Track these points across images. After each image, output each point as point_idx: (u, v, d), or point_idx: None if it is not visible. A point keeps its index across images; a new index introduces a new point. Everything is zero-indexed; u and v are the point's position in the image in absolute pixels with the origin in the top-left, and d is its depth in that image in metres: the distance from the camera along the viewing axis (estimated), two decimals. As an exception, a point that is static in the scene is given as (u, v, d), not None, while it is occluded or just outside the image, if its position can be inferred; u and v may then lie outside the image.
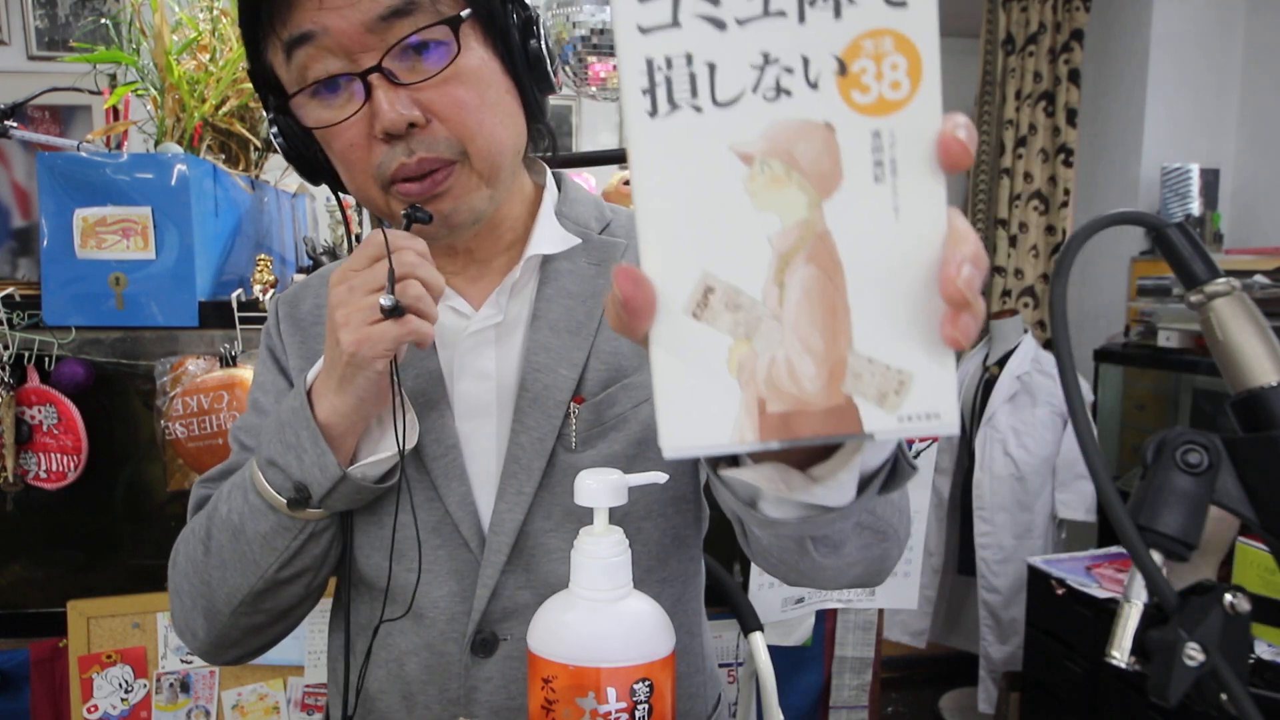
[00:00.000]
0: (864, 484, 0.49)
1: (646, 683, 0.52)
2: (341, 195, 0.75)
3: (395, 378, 0.65)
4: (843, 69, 0.33)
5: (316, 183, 0.72)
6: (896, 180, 0.34)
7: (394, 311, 0.59)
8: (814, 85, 0.34)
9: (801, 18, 0.33)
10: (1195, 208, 2.90)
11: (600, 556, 0.54)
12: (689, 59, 0.34)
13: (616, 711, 0.51)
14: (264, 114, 1.40)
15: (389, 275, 0.60)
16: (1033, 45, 3.20)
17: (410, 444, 0.68)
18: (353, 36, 0.60)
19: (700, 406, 0.36)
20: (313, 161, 0.70)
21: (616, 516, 0.70)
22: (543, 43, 0.68)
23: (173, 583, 0.73)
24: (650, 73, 0.34)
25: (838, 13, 0.33)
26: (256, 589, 0.68)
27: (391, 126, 0.61)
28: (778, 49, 0.33)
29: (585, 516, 0.70)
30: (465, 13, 0.62)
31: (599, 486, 0.55)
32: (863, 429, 0.35)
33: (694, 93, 0.34)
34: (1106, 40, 3.16)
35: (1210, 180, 2.93)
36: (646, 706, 0.52)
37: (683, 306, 0.35)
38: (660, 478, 0.58)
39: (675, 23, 0.33)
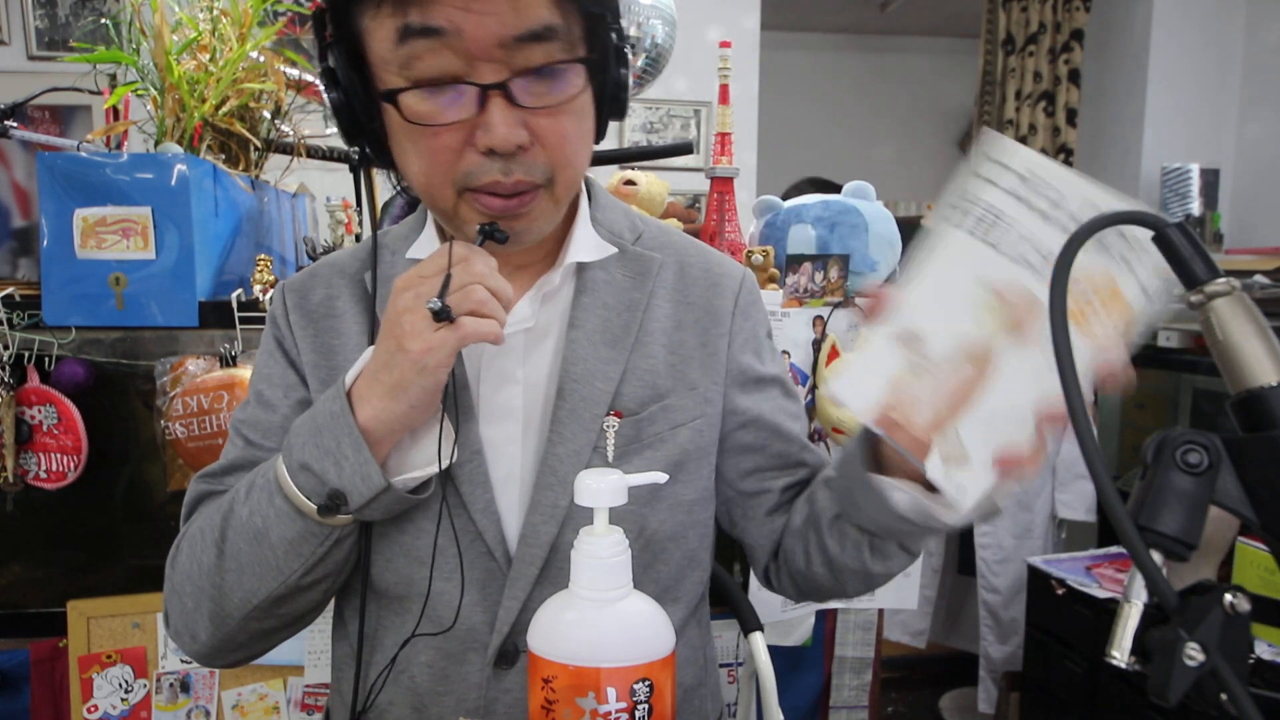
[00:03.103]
0: None
1: (646, 683, 0.52)
2: (367, 169, 0.75)
3: (452, 389, 0.65)
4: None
5: (354, 144, 0.68)
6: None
7: (441, 314, 0.59)
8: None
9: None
10: (1195, 208, 2.90)
11: (600, 556, 0.54)
12: (999, 215, 0.53)
13: (616, 711, 0.51)
14: (265, 114, 1.40)
15: (444, 282, 0.60)
16: (1033, 45, 3.20)
17: (454, 458, 0.67)
18: (483, 46, 0.58)
19: (862, 384, 0.57)
20: (363, 124, 0.66)
21: (646, 535, 0.73)
22: (630, 73, 0.68)
23: (171, 583, 0.71)
24: (976, 207, 0.53)
25: (1102, 252, 0.49)
26: (276, 594, 0.67)
27: (503, 146, 0.60)
28: (1049, 245, 0.51)
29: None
30: (594, 53, 0.63)
31: (599, 486, 0.55)
32: (922, 462, 0.57)
33: (987, 232, 0.53)
34: (1106, 40, 3.16)
35: (1210, 180, 2.93)
36: (646, 706, 0.52)
37: (896, 332, 0.56)
38: (661, 478, 0.59)
39: (1010, 192, 0.52)
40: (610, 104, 0.68)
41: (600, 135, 0.71)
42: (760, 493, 0.80)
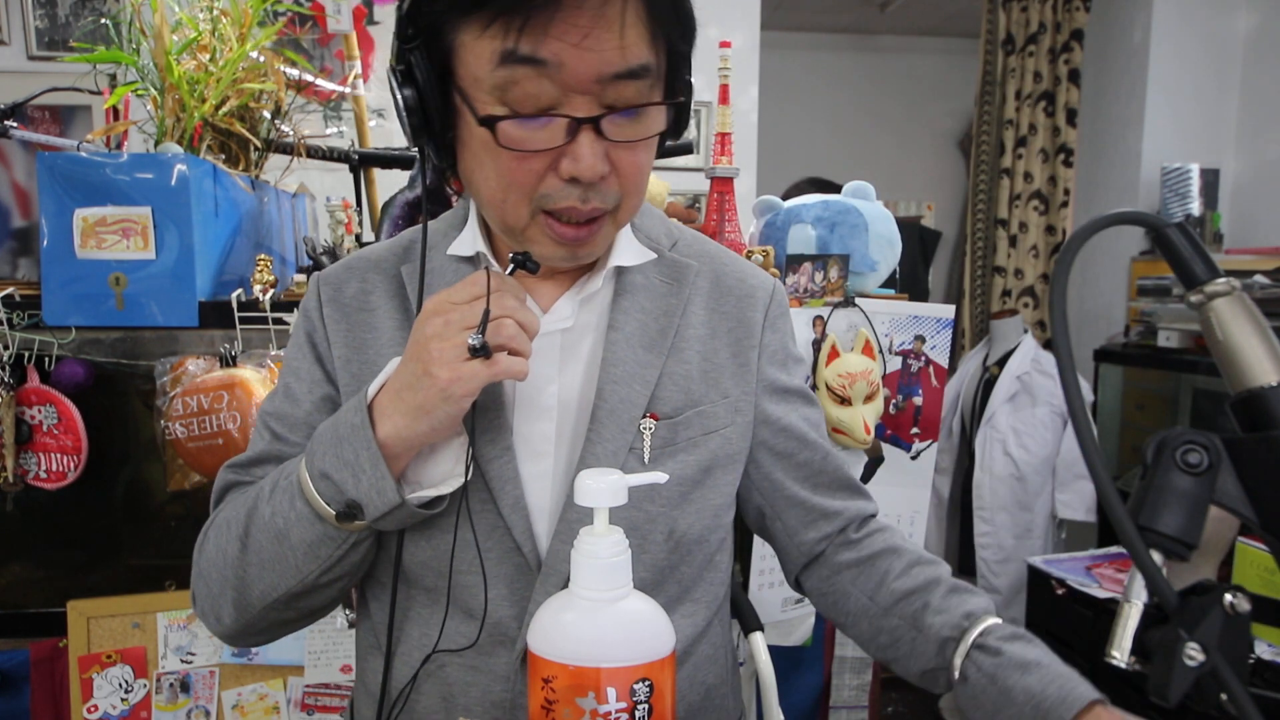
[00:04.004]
0: None
1: (646, 683, 0.52)
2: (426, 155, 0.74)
3: (472, 414, 0.66)
4: None
5: (419, 141, 0.67)
6: None
7: (480, 351, 0.60)
8: None
9: None
10: (1195, 208, 2.90)
11: (600, 556, 0.54)
12: None
13: (616, 711, 0.51)
14: (265, 114, 1.40)
15: (484, 316, 0.61)
16: (1033, 45, 3.20)
17: (468, 475, 0.68)
18: (583, 80, 0.59)
19: None
20: (432, 128, 0.65)
21: (676, 537, 0.74)
22: (691, 99, 0.69)
23: (198, 567, 0.73)
24: None
25: None
26: (294, 591, 0.69)
27: (590, 176, 0.62)
28: None
29: (650, 532, 0.72)
30: (679, 96, 0.65)
31: (599, 486, 0.55)
32: None
33: None
34: (1106, 40, 3.16)
35: (1210, 180, 2.93)
36: (646, 706, 0.52)
37: None
38: (660, 478, 0.60)
39: None
40: (673, 131, 0.70)
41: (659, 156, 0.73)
42: (794, 503, 0.82)
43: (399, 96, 0.64)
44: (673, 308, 0.76)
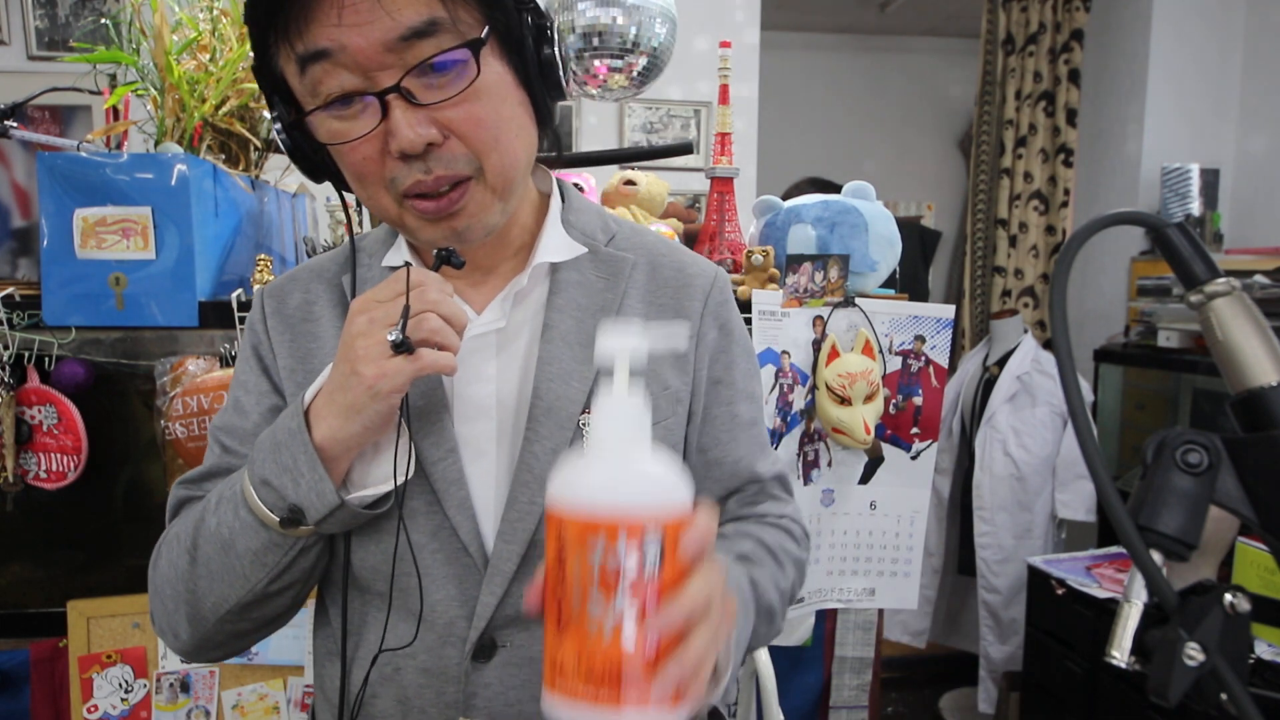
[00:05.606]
0: None
1: (659, 535, 0.50)
2: (345, 194, 0.76)
3: (405, 411, 0.66)
4: None
5: (319, 181, 0.72)
6: None
7: (401, 347, 0.60)
8: None
9: None
10: (1195, 208, 2.91)
11: (617, 415, 0.51)
12: None
13: (627, 564, 0.48)
14: (265, 114, 1.41)
15: (404, 312, 0.61)
16: (1033, 45, 3.20)
17: (409, 474, 0.68)
18: (370, 55, 0.59)
19: None
20: (317, 162, 0.70)
21: None
22: (556, 50, 0.67)
23: (153, 584, 0.73)
24: None
25: None
26: (245, 600, 0.68)
27: (410, 148, 0.61)
28: None
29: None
30: (485, 32, 0.62)
31: (617, 343, 0.52)
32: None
33: None
34: (1106, 40, 3.16)
35: (1210, 180, 2.94)
36: (658, 562, 0.49)
37: None
38: (681, 338, 0.60)
39: None
40: (543, 83, 0.68)
41: (544, 119, 0.71)
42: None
43: (281, 146, 0.67)
44: (609, 303, 0.75)
